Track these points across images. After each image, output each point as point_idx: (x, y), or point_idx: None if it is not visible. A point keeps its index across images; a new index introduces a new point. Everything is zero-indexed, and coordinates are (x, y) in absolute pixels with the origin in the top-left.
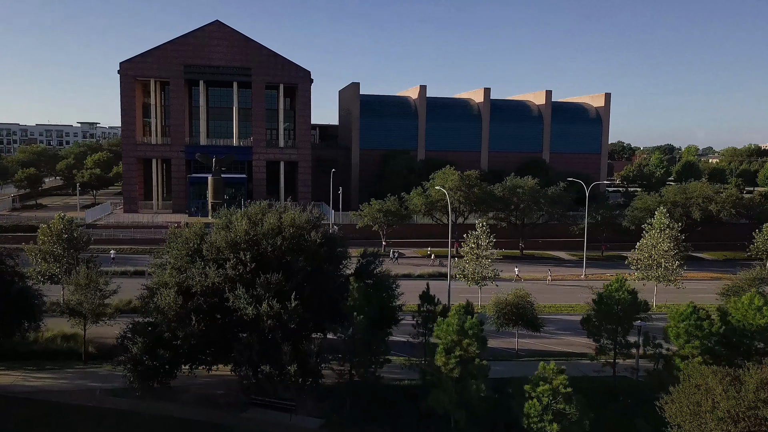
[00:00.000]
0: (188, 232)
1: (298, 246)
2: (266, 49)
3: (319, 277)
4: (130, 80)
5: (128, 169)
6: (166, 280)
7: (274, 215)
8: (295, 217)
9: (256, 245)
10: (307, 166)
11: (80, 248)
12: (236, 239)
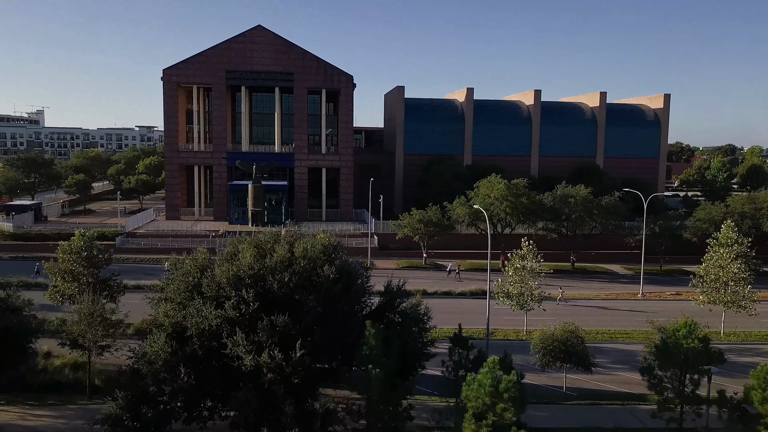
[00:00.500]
0: (189, 263)
1: (310, 282)
2: (309, 53)
3: (332, 319)
4: (172, 87)
5: (170, 176)
6: (160, 320)
7: (284, 246)
8: (308, 247)
9: (262, 281)
10: (349, 173)
11: (101, 266)
12: (239, 274)
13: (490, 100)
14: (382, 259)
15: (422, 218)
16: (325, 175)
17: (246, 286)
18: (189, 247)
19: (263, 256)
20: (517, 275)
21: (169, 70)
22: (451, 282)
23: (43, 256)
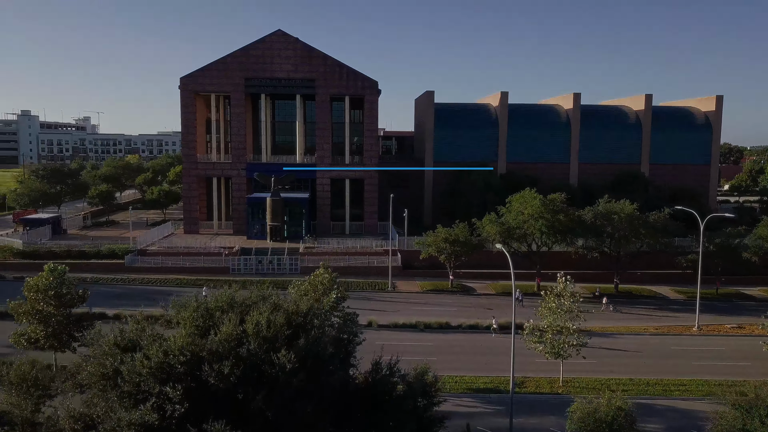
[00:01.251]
0: (111, 338)
1: (260, 372)
2: (331, 58)
3: (288, 425)
4: (190, 95)
5: (188, 188)
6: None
7: (232, 321)
8: (263, 322)
9: (198, 369)
10: (373, 184)
11: (73, 305)
12: (166, 362)
13: (525, 104)
14: (405, 279)
15: (448, 237)
16: (348, 186)
17: (175, 379)
18: (201, 266)
19: (205, 332)
20: (551, 316)
21: (186, 79)
22: (479, 311)
23: None
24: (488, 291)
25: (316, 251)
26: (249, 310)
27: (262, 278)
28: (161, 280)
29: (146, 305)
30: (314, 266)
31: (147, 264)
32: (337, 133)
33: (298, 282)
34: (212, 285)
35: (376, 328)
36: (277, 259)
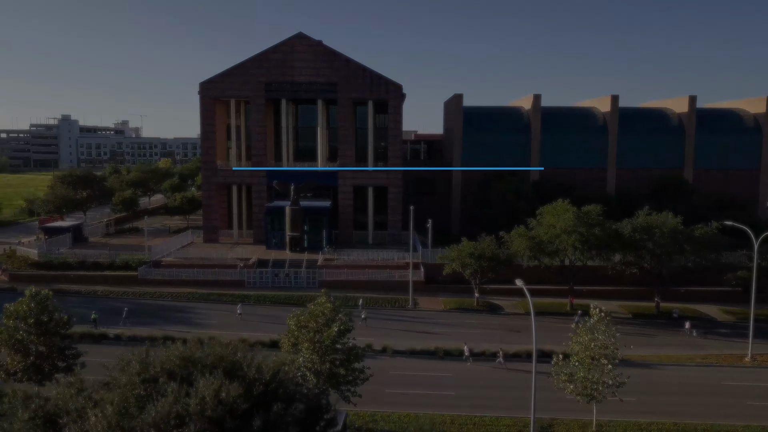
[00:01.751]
0: (21, 420)
1: None
2: (353, 62)
3: None
4: (209, 101)
5: (208, 196)
6: None
7: (173, 393)
8: (209, 397)
9: None
10: (397, 192)
11: (57, 333)
12: None
13: (559, 107)
14: (428, 295)
15: (474, 251)
16: (371, 194)
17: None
18: (216, 279)
19: (144, 402)
20: (584, 353)
21: (205, 84)
22: (506, 334)
23: (53, 290)
24: (517, 310)
25: (335, 264)
26: (203, 374)
27: (278, 292)
28: (173, 295)
29: (148, 323)
30: (333, 280)
31: (161, 276)
32: (361, 138)
33: (297, 312)
34: (239, 300)
35: (390, 354)
36: (294, 272)
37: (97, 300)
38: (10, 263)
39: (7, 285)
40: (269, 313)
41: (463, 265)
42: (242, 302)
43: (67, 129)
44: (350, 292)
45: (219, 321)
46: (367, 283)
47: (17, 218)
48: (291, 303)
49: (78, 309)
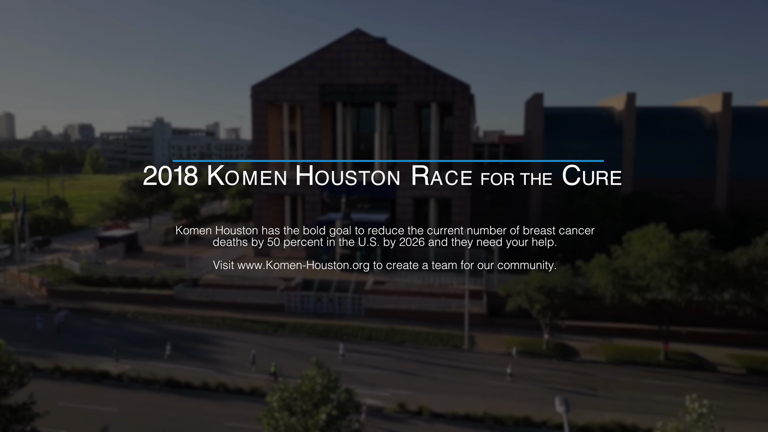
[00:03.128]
0: None
1: None
2: (415, 60)
3: None
4: (262, 105)
5: (259, 206)
6: None
7: None
8: None
9: None
10: (462, 204)
11: (7, 390)
12: None
13: (657, 107)
14: (489, 331)
15: (543, 284)
16: (433, 206)
17: None
18: (255, 302)
19: None
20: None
21: (258, 87)
22: (579, 396)
23: (83, 309)
24: (596, 356)
25: (383, 289)
26: None
27: (318, 320)
28: (204, 320)
29: (158, 356)
30: (379, 308)
31: (197, 297)
32: (423, 145)
33: (280, 385)
34: (273, 330)
35: (427, 418)
36: (339, 297)
37: (124, 324)
38: (52, 276)
39: (43, 301)
40: (300, 348)
41: (530, 301)
42: (343, 342)
43: (161, 131)
44: (398, 322)
45: (240, 357)
46: (419, 313)
47: (90, 223)
48: (329, 335)
49: (99, 336)
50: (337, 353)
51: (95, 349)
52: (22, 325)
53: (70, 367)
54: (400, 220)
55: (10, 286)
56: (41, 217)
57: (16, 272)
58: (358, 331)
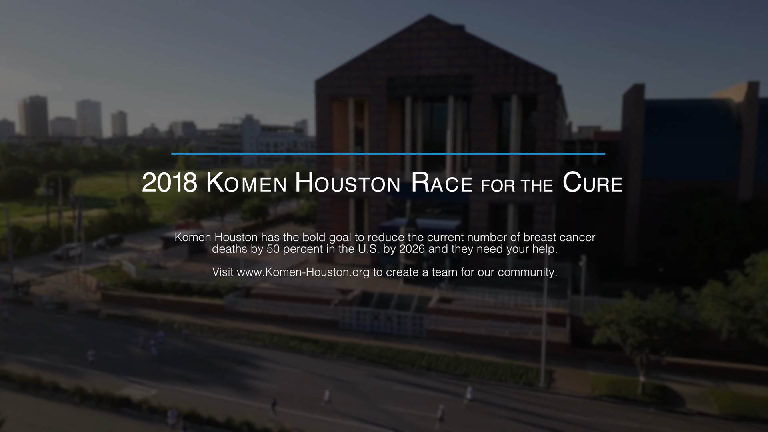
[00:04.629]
0: None
1: None
2: (494, 48)
3: None
4: (326, 101)
5: (323, 209)
6: None
7: None
8: None
9: None
10: (546, 211)
11: None
12: None
13: None
14: (572, 365)
15: (640, 317)
16: (513, 212)
17: None
18: (308, 317)
19: None
20: None
21: (321, 81)
22: None
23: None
24: (707, 407)
25: (449, 309)
26: None
27: (372, 342)
28: (250, 335)
29: (192, 380)
30: (443, 330)
31: (248, 308)
32: (502, 143)
33: None
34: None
35: None
36: (398, 316)
37: (168, 335)
38: (111, 279)
39: (95, 306)
40: (348, 376)
41: (622, 335)
42: (470, 386)
43: (249, 128)
44: (464, 349)
45: (279, 386)
46: (489, 339)
47: (167, 221)
48: (383, 361)
49: (137, 350)
50: (437, 411)
51: (127, 367)
52: (64, 333)
53: (91, 390)
54: (473, 228)
55: (69, 288)
56: (118, 215)
57: (79, 273)
58: (417, 358)
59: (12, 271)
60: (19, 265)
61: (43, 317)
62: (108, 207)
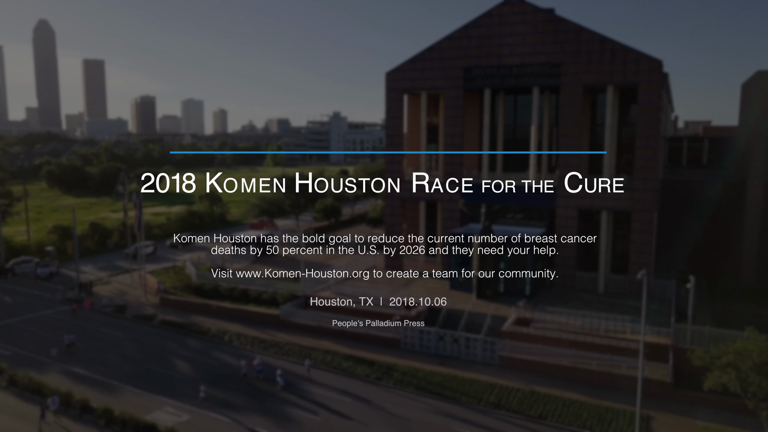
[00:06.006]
0: None
1: None
2: (587, 31)
3: None
4: (397, 95)
5: (391, 212)
6: None
7: None
8: None
9: None
10: (646, 220)
11: None
12: None
13: None
14: (674, 411)
15: (762, 361)
16: (607, 220)
17: None
18: (366, 333)
19: None
20: None
21: (392, 74)
22: None
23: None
24: None
25: (527, 333)
26: None
27: (435, 368)
28: (304, 352)
29: (229, 405)
30: (518, 358)
31: (304, 320)
32: (595, 140)
33: None
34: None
35: None
36: (466, 338)
37: (216, 349)
38: (172, 281)
39: (151, 311)
40: (402, 410)
41: (743, 383)
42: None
43: (337, 125)
44: (542, 382)
45: (324, 419)
46: (572, 371)
47: (245, 219)
48: (445, 393)
49: (181, 366)
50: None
51: (167, 384)
52: (114, 341)
53: (118, 412)
54: (559, 237)
55: (132, 289)
56: (196, 212)
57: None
58: (485, 391)
59: (77, 270)
60: (93, 262)
61: (99, 321)
62: (190, 204)
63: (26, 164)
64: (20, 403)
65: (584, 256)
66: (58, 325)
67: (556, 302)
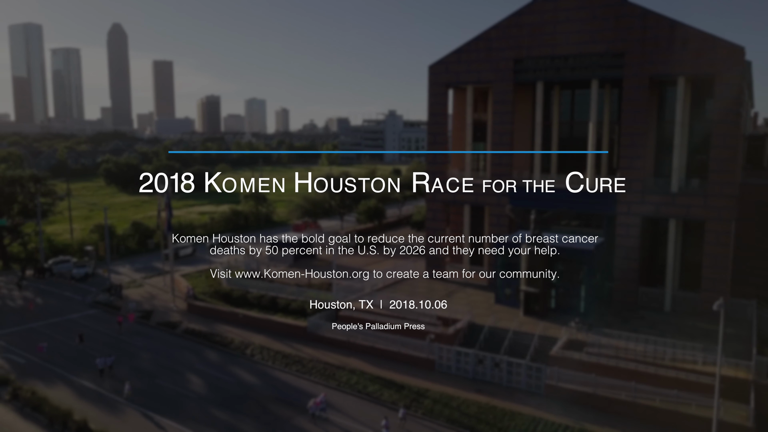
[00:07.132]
0: None
1: None
2: (653, 14)
3: None
4: (441, 89)
5: (433, 216)
6: None
7: None
8: None
9: None
10: (723, 230)
11: None
12: None
13: None
14: None
15: None
16: (676, 230)
17: None
18: (399, 351)
19: None
20: None
21: (436, 66)
22: None
23: (207, 333)
24: None
25: (578, 359)
26: None
27: (470, 395)
28: (328, 371)
29: None
30: (567, 388)
31: (333, 334)
32: (663, 140)
33: None
34: (402, 405)
35: None
36: (509, 363)
37: (235, 364)
38: (203, 286)
39: (177, 317)
40: None
41: None
42: None
43: (392, 124)
44: (594, 418)
45: None
46: (631, 407)
47: (289, 219)
48: (481, 429)
49: (192, 381)
50: None
51: (172, 403)
52: (131, 351)
53: None
54: (620, 248)
55: (163, 293)
56: (240, 212)
57: (178, 276)
58: (526, 428)
59: (109, 271)
60: (131, 263)
61: (123, 326)
62: (236, 203)
63: (89, 162)
64: (18, 420)
65: (648, 270)
66: (77, 329)
67: (614, 322)
